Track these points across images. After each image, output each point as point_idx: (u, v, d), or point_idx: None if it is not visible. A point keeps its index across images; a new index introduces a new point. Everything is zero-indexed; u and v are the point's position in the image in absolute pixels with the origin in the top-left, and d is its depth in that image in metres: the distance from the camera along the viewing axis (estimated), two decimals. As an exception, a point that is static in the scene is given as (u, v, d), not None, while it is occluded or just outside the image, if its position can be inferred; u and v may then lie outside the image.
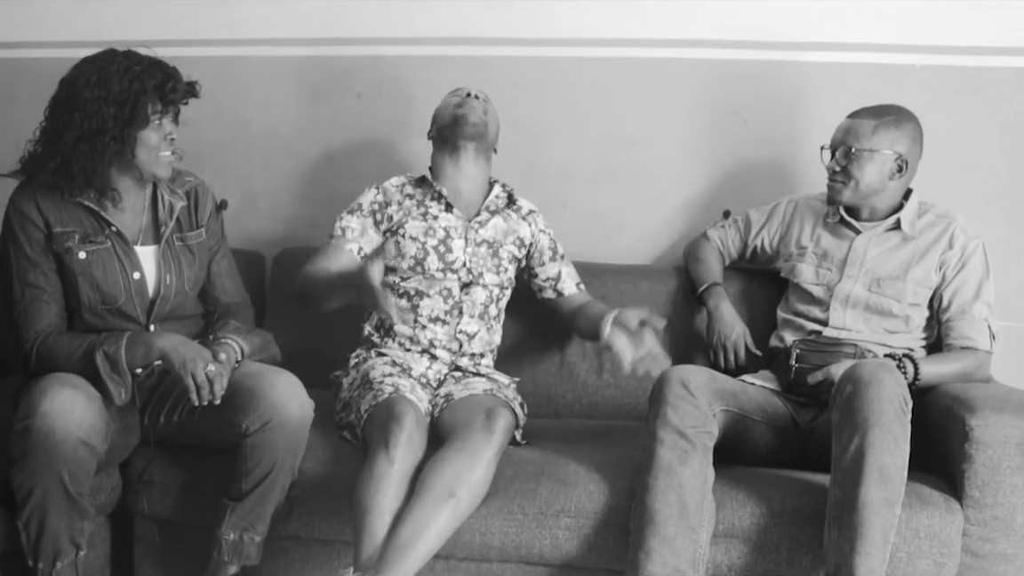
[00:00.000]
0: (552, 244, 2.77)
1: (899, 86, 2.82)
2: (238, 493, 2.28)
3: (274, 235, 3.19)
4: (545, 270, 2.75)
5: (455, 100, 2.67)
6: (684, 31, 2.96)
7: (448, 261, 2.62)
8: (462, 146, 2.64)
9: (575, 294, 2.75)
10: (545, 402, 2.85)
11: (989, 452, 2.22)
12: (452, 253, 2.62)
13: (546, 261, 2.75)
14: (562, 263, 2.76)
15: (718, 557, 2.26)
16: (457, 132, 2.63)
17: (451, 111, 2.65)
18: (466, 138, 2.63)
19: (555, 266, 2.75)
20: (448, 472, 2.21)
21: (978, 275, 2.53)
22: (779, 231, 2.76)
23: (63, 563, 2.18)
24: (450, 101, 2.68)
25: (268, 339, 2.47)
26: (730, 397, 2.36)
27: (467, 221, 2.66)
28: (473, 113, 2.63)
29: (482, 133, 2.64)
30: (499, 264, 2.67)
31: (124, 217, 2.37)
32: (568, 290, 2.75)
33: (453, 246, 2.63)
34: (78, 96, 2.24)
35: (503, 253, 2.69)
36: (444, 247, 2.62)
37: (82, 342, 2.24)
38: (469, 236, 2.65)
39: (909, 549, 2.21)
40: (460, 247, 2.63)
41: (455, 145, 2.65)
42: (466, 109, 2.63)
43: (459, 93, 2.69)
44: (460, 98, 2.66)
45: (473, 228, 2.66)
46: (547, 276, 2.75)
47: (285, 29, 3.12)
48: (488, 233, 2.68)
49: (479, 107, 2.65)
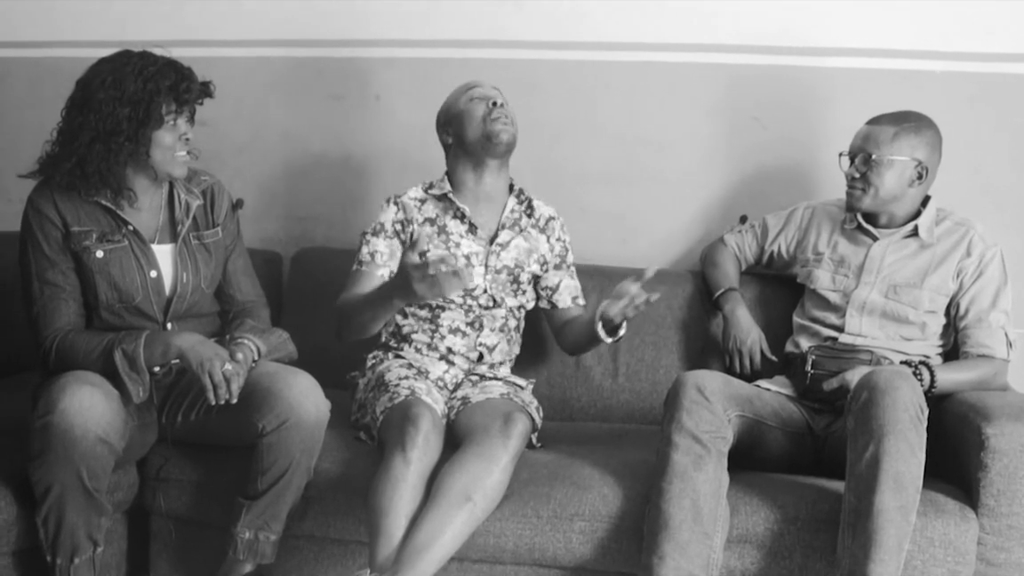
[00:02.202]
0: (563, 252, 2.71)
1: (918, 92, 2.81)
2: (254, 492, 2.29)
3: (291, 235, 3.20)
4: (547, 278, 2.68)
5: (481, 110, 2.55)
6: (704, 36, 2.96)
7: (468, 289, 2.57)
8: (487, 161, 2.59)
9: (568, 308, 2.68)
10: (560, 405, 2.85)
11: (1005, 461, 2.21)
12: (472, 281, 2.58)
13: (550, 269, 2.69)
14: (566, 273, 2.70)
15: (732, 562, 2.26)
16: (489, 151, 2.55)
17: (481, 127, 2.54)
18: (497, 156, 2.57)
19: (557, 276, 2.68)
20: (465, 476, 2.21)
21: (996, 283, 2.52)
22: (796, 237, 2.76)
23: (81, 559, 2.20)
24: (473, 109, 2.56)
25: (284, 338, 2.48)
26: (745, 402, 2.36)
27: (488, 244, 2.60)
28: (506, 132, 2.54)
29: (511, 150, 2.58)
30: (518, 288, 2.64)
31: (141, 216, 2.38)
32: (562, 303, 2.68)
33: (474, 274, 2.58)
34: (93, 97, 2.26)
35: (524, 276, 2.64)
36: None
37: (101, 340, 2.26)
38: (490, 263, 2.60)
39: (924, 557, 2.21)
40: (480, 274, 2.59)
41: (482, 161, 2.58)
42: (499, 127, 2.53)
43: (476, 94, 2.59)
44: (486, 107, 2.55)
45: (494, 253, 2.60)
46: (546, 285, 2.69)
47: (305, 30, 3.13)
48: (509, 257, 2.62)
49: (509, 119, 2.56)
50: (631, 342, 2.84)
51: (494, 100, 2.57)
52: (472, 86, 2.62)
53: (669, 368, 2.82)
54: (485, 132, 2.54)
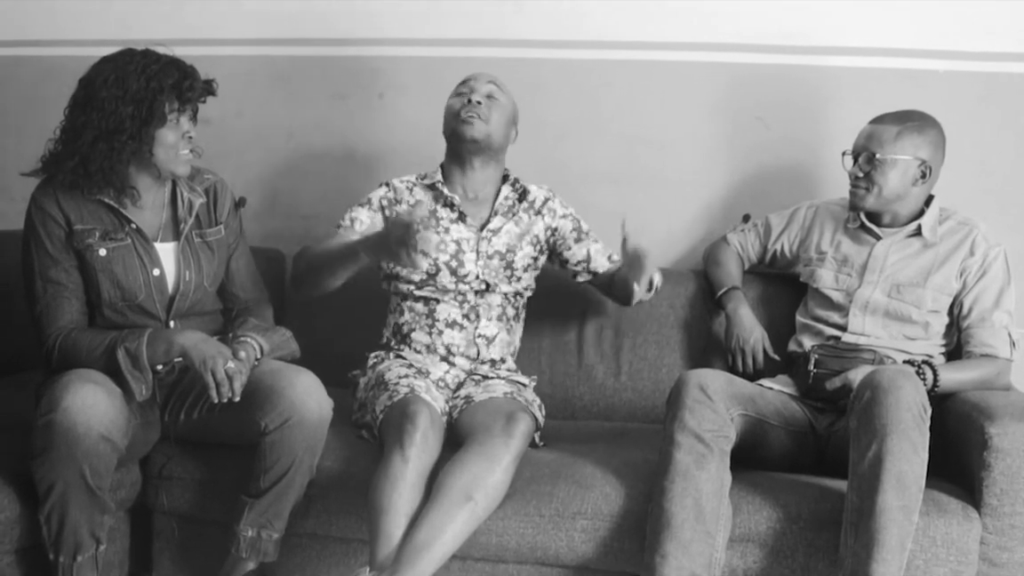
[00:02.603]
0: (575, 225, 2.71)
1: (921, 91, 2.81)
2: (256, 490, 2.29)
3: (294, 233, 3.20)
4: (573, 254, 2.69)
5: (457, 104, 2.58)
6: (706, 35, 2.96)
7: (461, 275, 2.59)
8: (467, 158, 2.61)
9: (609, 268, 2.68)
10: (562, 404, 2.85)
11: (1008, 460, 2.21)
12: (464, 267, 2.59)
13: (572, 245, 2.69)
14: (589, 241, 2.70)
15: (734, 561, 2.26)
16: (457, 148, 2.59)
17: (452, 122, 2.58)
18: (470, 153, 2.59)
19: (582, 247, 2.69)
20: (466, 475, 2.21)
21: (999, 283, 2.52)
22: (799, 236, 2.76)
23: (83, 557, 2.20)
24: (452, 104, 2.59)
25: (287, 336, 2.48)
26: (748, 401, 2.35)
27: (478, 231, 2.62)
28: (471, 129, 2.54)
29: (484, 148, 2.58)
30: (512, 274, 2.64)
31: (144, 214, 2.39)
32: (601, 267, 2.68)
33: (465, 260, 2.59)
34: (96, 95, 2.26)
35: (518, 261, 2.64)
36: (456, 261, 2.58)
37: (104, 338, 2.26)
38: (481, 248, 2.61)
39: (926, 557, 2.20)
40: (472, 260, 2.60)
41: (463, 158, 2.61)
42: (464, 126, 2.54)
43: (462, 88, 2.60)
44: (462, 102, 2.57)
45: (485, 239, 2.62)
46: (577, 260, 2.69)
47: (308, 29, 3.13)
48: (501, 242, 2.63)
49: (483, 116, 2.55)
50: (633, 340, 2.85)
51: (469, 97, 2.57)
52: (465, 80, 2.63)
53: (672, 367, 2.82)
54: (452, 129, 2.58)
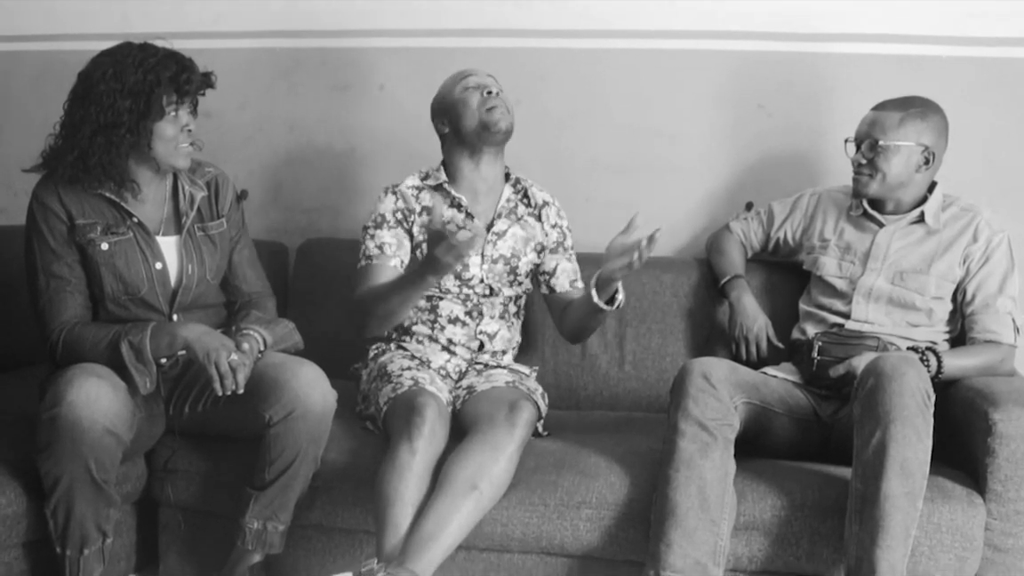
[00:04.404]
0: (560, 237, 2.68)
1: (924, 77, 2.80)
2: (261, 482, 2.30)
3: (297, 226, 3.20)
4: (544, 263, 2.66)
5: (476, 98, 2.53)
6: (708, 23, 2.95)
7: (465, 278, 2.58)
8: (483, 150, 2.57)
9: (567, 291, 2.64)
10: (566, 393, 2.85)
11: (1012, 446, 2.21)
12: (469, 271, 2.57)
13: (548, 254, 2.67)
14: (563, 256, 2.66)
15: (739, 549, 2.27)
16: (486, 139, 2.53)
17: (478, 116, 2.52)
18: (495, 144, 2.56)
19: (554, 259, 2.65)
20: (471, 465, 2.21)
21: (1002, 269, 2.52)
22: (802, 223, 2.75)
23: (90, 550, 2.21)
24: (468, 98, 2.54)
25: (290, 328, 2.48)
26: (752, 389, 2.35)
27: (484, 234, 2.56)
28: (504, 119, 2.52)
29: (510, 136, 2.56)
30: (515, 279, 2.63)
31: (145, 208, 2.39)
32: (560, 287, 2.64)
33: (470, 263, 2.57)
34: (94, 89, 2.25)
35: (522, 266, 2.62)
36: (461, 265, 2.53)
37: (107, 332, 2.26)
38: (486, 252, 2.59)
39: (931, 543, 2.21)
40: (476, 263, 2.58)
41: (479, 150, 2.57)
42: (497, 116, 2.51)
43: (471, 83, 2.56)
44: (481, 95, 2.54)
45: (490, 242, 2.60)
46: (543, 270, 2.66)
47: (308, 21, 3.13)
48: (506, 247, 2.61)
49: (506, 107, 2.54)
50: (637, 330, 2.85)
51: (489, 89, 2.55)
52: (466, 74, 2.60)
53: (675, 356, 2.82)
54: (482, 121, 2.53)
